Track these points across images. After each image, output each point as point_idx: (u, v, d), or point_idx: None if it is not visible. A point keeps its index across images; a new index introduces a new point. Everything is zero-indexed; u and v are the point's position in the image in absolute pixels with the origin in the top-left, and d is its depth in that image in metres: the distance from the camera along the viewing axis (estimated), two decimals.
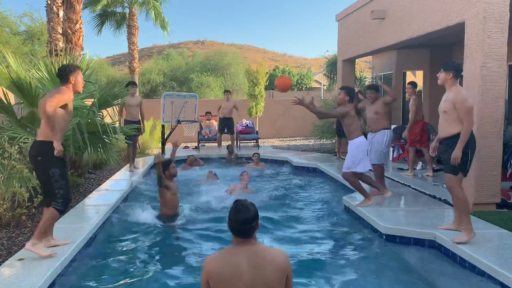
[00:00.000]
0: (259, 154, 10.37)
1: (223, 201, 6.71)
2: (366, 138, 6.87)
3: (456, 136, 4.43)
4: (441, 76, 4.65)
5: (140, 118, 9.27)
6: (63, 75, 4.22)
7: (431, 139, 8.52)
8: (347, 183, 7.66)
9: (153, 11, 17.16)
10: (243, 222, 2.50)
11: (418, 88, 8.52)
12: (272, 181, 8.99)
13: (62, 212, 4.23)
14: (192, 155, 10.56)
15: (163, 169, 5.83)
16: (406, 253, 4.69)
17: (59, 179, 4.11)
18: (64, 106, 4.16)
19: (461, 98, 4.45)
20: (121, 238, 5.29)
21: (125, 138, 7.37)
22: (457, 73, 4.61)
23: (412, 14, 7.35)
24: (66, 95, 4.16)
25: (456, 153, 4.39)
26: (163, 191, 5.86)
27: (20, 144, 5.81)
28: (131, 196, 7.33)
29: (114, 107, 8.41)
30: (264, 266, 2.47)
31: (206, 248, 4.95)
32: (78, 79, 4.27)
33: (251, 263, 2.46)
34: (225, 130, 12.66)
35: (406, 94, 8.48)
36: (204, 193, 7.19)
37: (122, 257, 4.70)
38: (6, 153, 5.45)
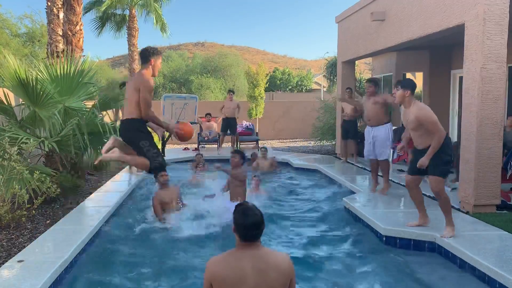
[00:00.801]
0: (266, 148, 10.40)
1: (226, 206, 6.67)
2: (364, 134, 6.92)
3: None
4: (399, 93, 4.76)
5: None
6: (145, 55, 4.53)
7: None
8: (347, 185, 7.71)
9: (154, 14, 17.13)
10: (253, 226, 2.49)
11: (417, 90, 8.50)
12: (272, 182, 8.99)
13: (151, 170, 4.63)
14: (200, 154, 10.56)
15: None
16: (405, 254, 4.69)
17: (150, 148, 4.57)
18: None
19: (423, 115, 4.57)
20: (122, 239, 5.29)
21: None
22: (414, 90, 4.76)
23: (411, 16, 7.36)
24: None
25: (423, 161, 4.57)
26: None
27: (21, 146, 5.81)
28: (132, 198, 7.33)
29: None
30: (268, 271, 2.46)
31: (208, 251, 4.94)
32: (157, 63, 4.57)
33: (255, 268, 2.45)
34: (228, 131, 12.65)
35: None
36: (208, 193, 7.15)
37: (122, 259, 4.70)
38: (6, 154, 5.45)
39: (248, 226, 2.49)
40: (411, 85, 4.73)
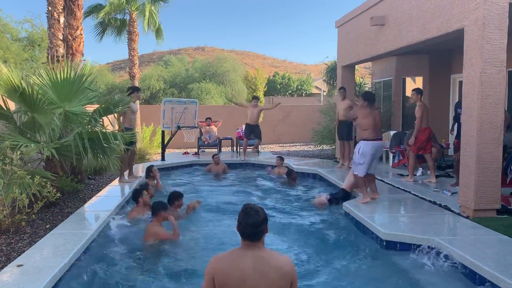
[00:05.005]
0: (282, 158, 10.53)
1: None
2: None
3: None
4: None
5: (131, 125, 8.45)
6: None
7: (433, 145, 8.51)
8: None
9: (149, 18, 17.02)
10: (253, 225, 2.57)
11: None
12: (272, 186, 8.99)
13: None
14: (217, 154, 10.69)
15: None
16: (406, 259, 4.68)
17: None
18: None
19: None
20: (121, 243, 5.27)
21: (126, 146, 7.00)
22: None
23: (411, 21, 7.38)
24: None
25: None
26: None
27: (21, 150, 5.80)
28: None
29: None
30: (269, 273, 2.51)
31: (209, 254, 4.93)
32: None
33: (257, 269, 2.51)
34: (251, 136, 12.16)
35: (410, 100, 8.41)
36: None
37: (122, 263, 4.69)
38: (7, 158, 5.44)
39: (248, 224, 2.58)
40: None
